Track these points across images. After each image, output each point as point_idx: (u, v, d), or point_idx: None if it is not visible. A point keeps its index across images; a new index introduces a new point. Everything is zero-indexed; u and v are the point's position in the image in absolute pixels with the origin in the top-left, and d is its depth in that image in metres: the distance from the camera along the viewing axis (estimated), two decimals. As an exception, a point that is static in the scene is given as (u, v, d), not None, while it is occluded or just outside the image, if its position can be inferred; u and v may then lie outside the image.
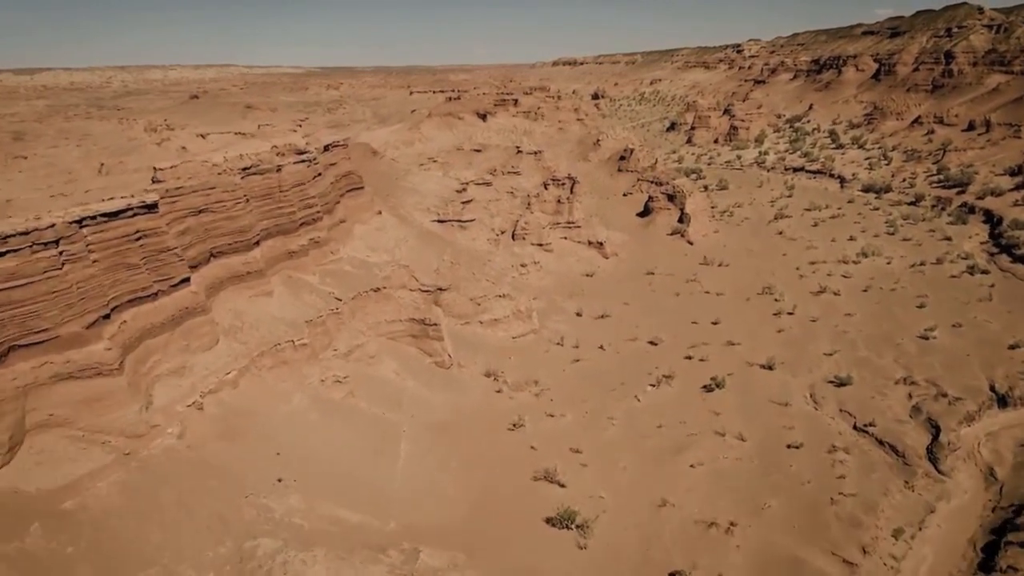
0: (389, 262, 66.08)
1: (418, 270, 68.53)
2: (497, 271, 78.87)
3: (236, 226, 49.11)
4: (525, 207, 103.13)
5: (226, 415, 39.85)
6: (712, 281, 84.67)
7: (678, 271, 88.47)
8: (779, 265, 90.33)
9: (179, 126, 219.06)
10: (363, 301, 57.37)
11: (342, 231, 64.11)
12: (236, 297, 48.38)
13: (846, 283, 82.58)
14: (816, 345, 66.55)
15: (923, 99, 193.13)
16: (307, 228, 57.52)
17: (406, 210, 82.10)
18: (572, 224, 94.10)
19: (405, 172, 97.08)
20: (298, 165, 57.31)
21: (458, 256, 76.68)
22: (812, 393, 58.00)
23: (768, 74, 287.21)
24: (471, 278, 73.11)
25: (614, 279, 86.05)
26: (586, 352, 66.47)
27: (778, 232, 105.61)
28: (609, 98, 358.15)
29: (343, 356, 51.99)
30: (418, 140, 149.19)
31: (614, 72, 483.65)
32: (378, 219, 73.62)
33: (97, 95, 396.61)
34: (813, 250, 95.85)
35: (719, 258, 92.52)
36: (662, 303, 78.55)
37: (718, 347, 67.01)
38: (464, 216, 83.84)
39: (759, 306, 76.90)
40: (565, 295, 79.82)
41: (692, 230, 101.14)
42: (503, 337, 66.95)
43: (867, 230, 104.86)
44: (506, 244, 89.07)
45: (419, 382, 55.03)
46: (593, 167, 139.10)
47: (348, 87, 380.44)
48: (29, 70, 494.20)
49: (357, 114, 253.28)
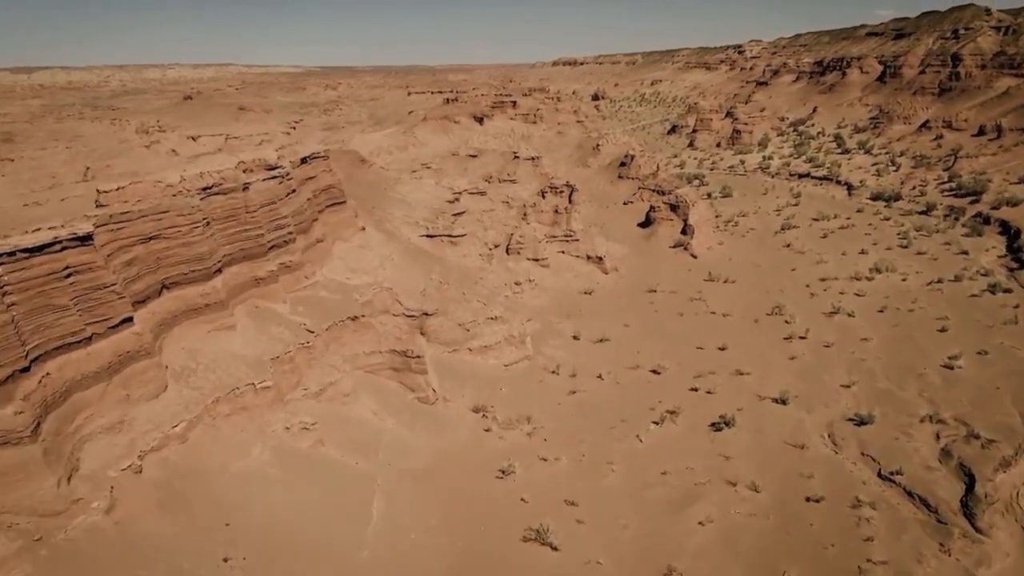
0: (371, 284, 60.63)
1: (403, 292, 63.14)
2: (489, 290, 73.46)
3: (193, 253, 43.73)
4: (521, 217, 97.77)
5: (169, 478, 34.53)
6: (718, 300, 79.23)
7: (682, 288, 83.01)
8: (788, 282, 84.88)
9: (171, 128, 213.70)
10: (339, 331, 51.96)
11: (319, 251, 58.69)
12: (192, 334, 43.06)
13: (860, 303, 77.13)
14: (832, 375, 61.13)
15: (930, 102, 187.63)
16: (278, 251, 52.08)
17: (393, 224, 76.64)
18: (570, 237, 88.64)
19: (394, 181, 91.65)
20: (268, 182, 51.90)
21: (448, 275, 71.27)
22: (831, 433, 52.57)
23: (770, 76, 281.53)
24: (461, 299, 67.70)
25: (614, 297, 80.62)
26: (583, 382, 61.07)
27: (785, 244, 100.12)
28: (609, 99, 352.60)
29: (314, 396, 46.60)
30: (412, 145, 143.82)
31: (614, 72, 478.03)
32: (361, 236, 68.16)
33: (94, 95, 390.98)
34: (823, 265, 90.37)
35: (725, 273, 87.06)
36: (665, 325, 73.11)
37: (726, 377, 61.59)
38: (455, 231, 78.34)
39: (769, 329, 71.46)
40: (562, 315, 74.40)
41: (696, 242, 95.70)
42: (494, 365, 61.55)
43: (879, 242, 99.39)
44: (500, 259, 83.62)
45: (399, 422, 49.65)
46: (593, 173, 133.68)
47: (346, 87, 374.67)
48: (27, 69, 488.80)
49: (353, 115, 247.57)
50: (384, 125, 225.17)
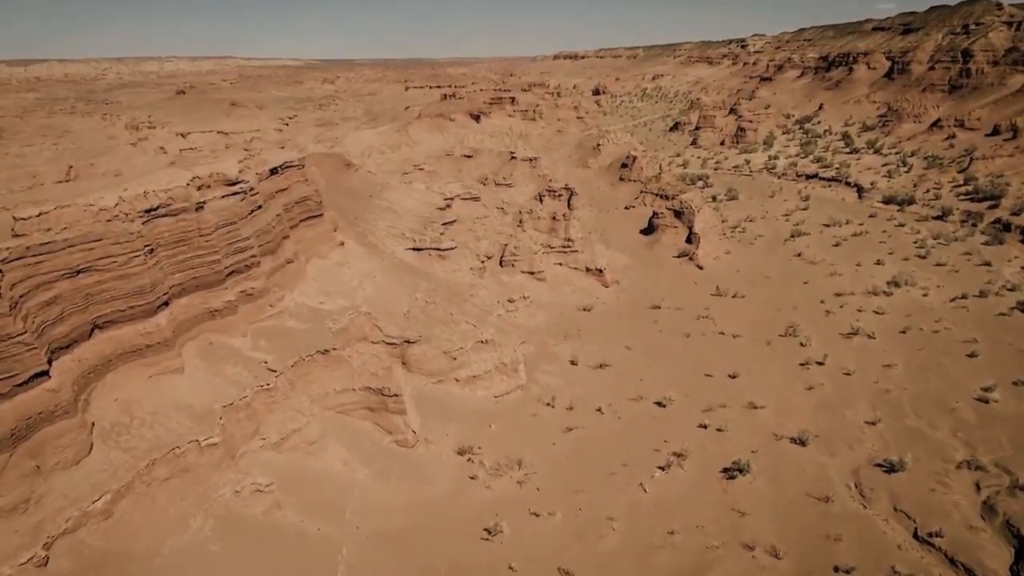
0: (348, 308, 54.52)
1: (384, 315, 57.06)
2: (481, 308, 67.33)
3: (132, 286, 37.68)
4: (517, 224, 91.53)
5: (83, 569, 28.66)
6: (726, 317, 73.09)
7: (687, 304, 76.86)
8: (801, 296, 78.70)
9: (161, 124, 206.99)
10: (307, 368, 45.91)
11: (289, 273, 52.57)
12: (128, 381, 37.12)
13: (880, 322, 70.99)
14: (855, 409, 55.06)
15: (940, 100, 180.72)
16: (237, 278, 46.01)
17: (377, 236, 70.44)
18: (568, 248, 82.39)
19: (382, 187, 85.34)
20: (227, 200, 45.77)
21: (435, 293, 65.11)
22: (857, 482, 46.52)
23: (774, 71, 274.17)
24: (449, 320, 61.58)
25: (615, 314, 74.47)
26: (581, 416, 55.01)
27: (796, 254, 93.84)
28: (610, 94, 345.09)
29: (274, 447, 40.59)
30: (405, 144, 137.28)
31: (615, 66, 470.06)
32: (339, 252, 61.98)
33: (90, 88, 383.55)
34: (837, 278, 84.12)
35: (733, 287, 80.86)
36: (670, 347, 66.99)
37: (738, 410, 55.52)
38: (444, 243, 72.06)
39: (783, 353, 65.35)
40: (559, 336, 68.27)
41: (702, 252, 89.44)
42: (483, 398, 55.50)
43: (895, 251, 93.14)
44: (493, 272, 77.45)
45: (373, 472, 43.65)
46: (593, 175, 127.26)
47: (344, 81, 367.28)
48: (23, 61, 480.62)
49: (348, 111, 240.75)
50: (380, 121, 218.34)
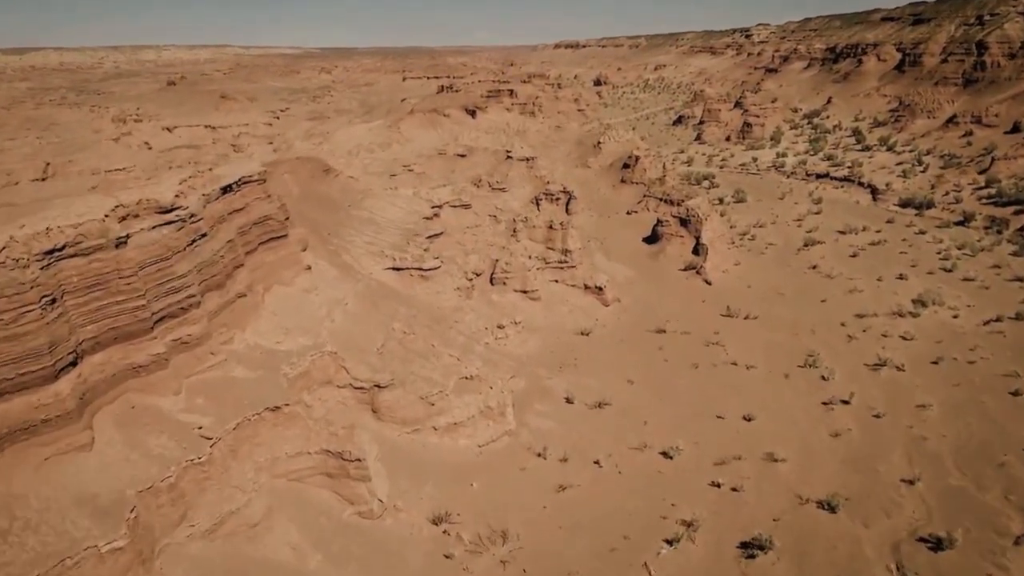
0: (310, 347, 47.17)
1: (354, 352, 49.71)
2: (467, 336, 59.93)
3: (23, 349, 30.35)
4: (511, 234, 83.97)
5: None
6: (738, 343, 65.64)
7: (695, 326, 69.39)
8: (819, 318, 71.20)
9: (149, 117, 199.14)
10: (253, 428, 38.59)
11: (242, 309, 45.23)
12: (14, 470, 29.83)
13: (908, 350, 63.51)
14: (888, 463, 47.71)
15: (954, 94, 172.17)
16: (171, 323, 38.69)
17: (353, 254, 62.92)
18: (565, 262, 74.79)
19: (363, 195, 77.72)
20: (157, 232, 38.32)
21: (415, 320, 57.70)
22: (899, 563, 39.20)
23: (780, 62, 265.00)
24: (429, 353, 54.24)
25: (616, 339, 67.02)
26: (577, 470, 47.73)
27: (811, 266, 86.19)
28: (612, 84, 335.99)
29: (206, 535, 33.33)
30: (397, 141, 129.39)
31: (617, 56, 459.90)
32: (306, 277, 54.49)
33: (84, 77, 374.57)
34: (858, 295, 76.55)
35: (744, 306, 73.37)
36: (677, 381, 59.60)
37: (755, 463, 48.21)
38: (427, 263, 64.40)
39: (803, 388, 57.95)
40: (553, 367, 60.88)
41: (710, 265, 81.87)
42: (465, 448, 48.23)
43: (918, 264, 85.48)
44: (482, 291, 69.98)
45: (327, 556, 36.43)
46: (593, 175, 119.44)
47: (341, 71, 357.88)
48: (19, 50, 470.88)
49: (343, 103, 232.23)
50: (374, 114, 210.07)
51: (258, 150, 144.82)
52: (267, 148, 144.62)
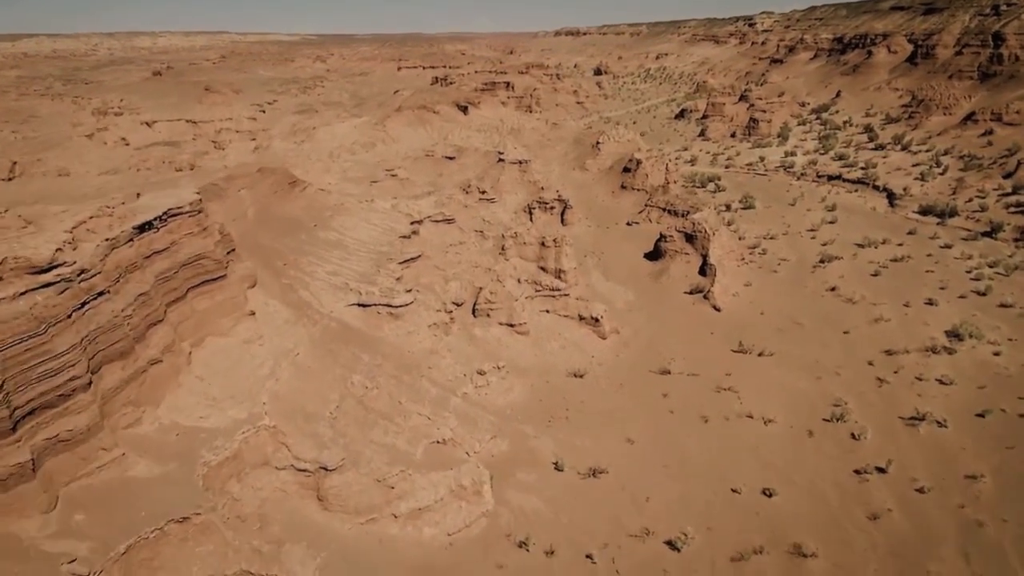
0: (244, 421, 38.44)
1: (300, 420, 40.99)
2: (441, 387, 51.13)
3: None
4: (499, 252, 75.05)
5: None
6: (753, 389, 56.84)
7: (704, 366, 60.57)
8: (843, 354, 62.36)
9: (131, 110, 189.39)
10: (151, 550, 29.91)
11: (156, 379, 36.50)
12: None
13: (948, 398, 54.70)
14: (940, 560, 39.05)
15: (970, 89, 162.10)
16: (43, 417, 29.98)
17: (313, 289, 53.94)
18: (558, 290, 65.80)
19: (333, 211, 68.66)
20: (26, 299, 29.46)
21: (379, 371, 48.92)
22: None
23: (785, 53, 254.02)
24: (394, 413, 45.56)
25: (614, 382, 58.19)
26: (565, 568, 39.11)
27: (829, 288, 77.13)
28: (612, 74, 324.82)
29: None
30: (381, 141, 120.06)
31: (618, 44, 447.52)
32: (250, 324, 45.62)
33: (76, 65, 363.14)
34: (884, 325, 67.62)
35: (758, 339, 64.54)
36: (684, 440, 50.85)
37: (780, 558, 39.63)
38: (397, 298, 55.17)
39: (830, 450, 49.22)
40: (541, 420, 52.15)
41: (718, 288, 72.92)
42: (431, 539, 39.59)
43: (947, 286, 76.38)
44: (463, 324, 61.12)
45: None
46: (591, 179, 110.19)
47: (337, 59, 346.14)
48: (12, 36, 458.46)
49: (334, 95, 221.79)
50: (365, 107, 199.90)
51: (239, 146, 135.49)
52: (248, 145, 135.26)
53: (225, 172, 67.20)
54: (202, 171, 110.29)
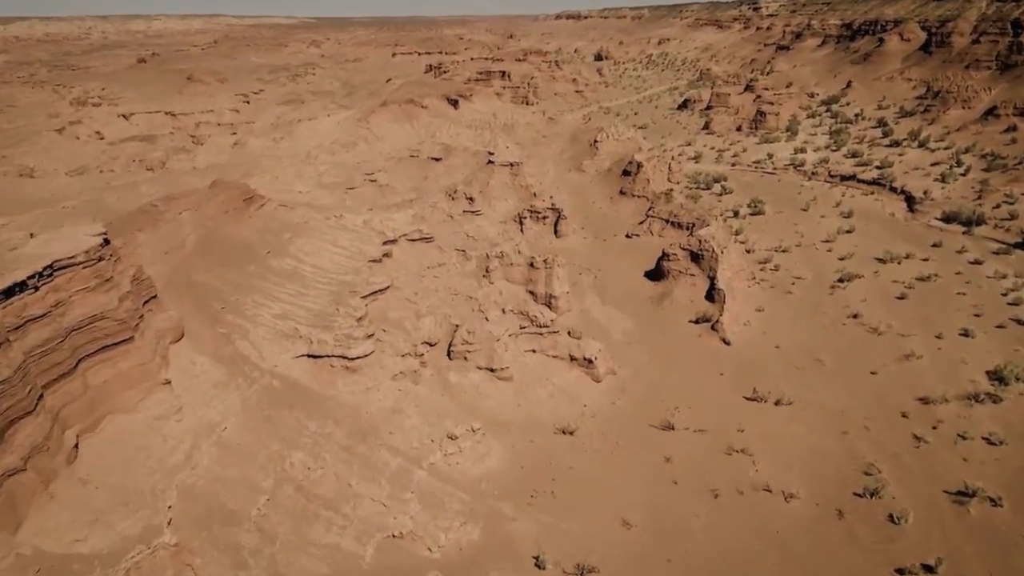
0: (136, 538, 29.92)
1: (216, 527, 32.49)
2: (404, 458, 42.58)
3: None
4: (482, 274, 66.27)
5: None
6: (771, 451, 48.26)
7: (712, 418, 51.97)
8: (871, 403, 53.66)
9: (111, 100, 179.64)
10: None
11: (16, 493, 27.92)
12: None
13: (1000, 464, 46.05)
14: None
15: (989, 80, 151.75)
16: None
17: (254, 338, 45.18)
18: (546, 327, 56.97)
19: (293, 233, 59.73)
20: None
21: (327, 442, 40.35)
22: None
23: (792, 39, 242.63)
24: (341, 500, 37.10)
25: (608, 441, 49.59)
26: None
27: (851, 314, 68.30)
28: (613, 60, 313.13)
29: None
30: (364, 140, 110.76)
31: (619, 28, 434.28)
32: (164, 395, 36.99)
33: (67, 50, 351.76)
34: (915, 363, 58.84)
35: (774, 382, 55.88)
36: (690, 522, 42.34)
37: None
38: (355, 347, 46.28)
39: (866, 539, 40.68)
40: (521, 497, 43.59)
41: (728, 317, 64.10)
42: None
43: (983, 312, 67.50)
44: (436, 369, 52.42)
45: None
46: (588, 182, 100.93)
47: (332, 44, 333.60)
48: (3, 19, 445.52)
49: (324, 84, 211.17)
50: (356, 96, 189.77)
51: (217, 141, 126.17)
52: (227, 140, 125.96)
53: (167, 191, 58.31)
54: (168, 173, 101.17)
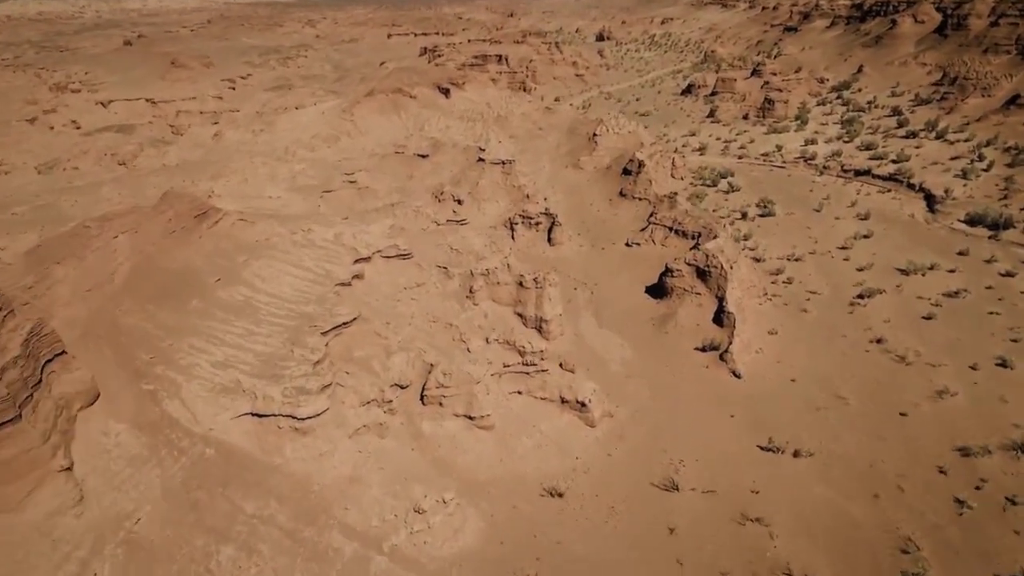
0: None
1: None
2: (360, 541, 35.56)
3: None
4: (466, 295, 58.95)
5: None
6: (791, 518, 41.23)
7: (723, 476, 44.89)
8: (903, 454, 46.53)
9: (92, 85, 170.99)
10: None
11: None
12: None
13: (1056, 538, 39.17)
14: None
15: (1009, 66, 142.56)
16: None
17: (186, 395, 37.94)
18: (533, 364, 49.69)
19: (249, 253, 52.26)
20: None
21: (264, 531, 33.32)
22: None
23: (800, 19, 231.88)
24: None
25: (603, 505, 42.57)
26: None
27: (873, 339, 60.85)
28: (615, 40, 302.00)
29: None
30: (347, 134, 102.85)
31: (622, 6, 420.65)
32: (58, 486, 29.88)
33: (58, 30, 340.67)
34: (950, 401, 51.57)
35: (791, 428, 48.75)
36: (698, 618, 35.48)
37: None
38: (306, 404, 39.15)
39: (907, 645, 33.86)
40: (501, 582, 36.72)
41: (739, 344, 56.80)
42: None
43: (1020, 337, 60.08)
44: (407, 418, 45.29)
45: None
46: (586, 180, 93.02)
47: (328, 24, 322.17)
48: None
49: (315, 67, 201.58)
50: (347, 81, 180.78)
51: (197, 131, 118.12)
52: (208, 130, 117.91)
53: (106, 208, 50.77)
54: (135, 172, 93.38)
